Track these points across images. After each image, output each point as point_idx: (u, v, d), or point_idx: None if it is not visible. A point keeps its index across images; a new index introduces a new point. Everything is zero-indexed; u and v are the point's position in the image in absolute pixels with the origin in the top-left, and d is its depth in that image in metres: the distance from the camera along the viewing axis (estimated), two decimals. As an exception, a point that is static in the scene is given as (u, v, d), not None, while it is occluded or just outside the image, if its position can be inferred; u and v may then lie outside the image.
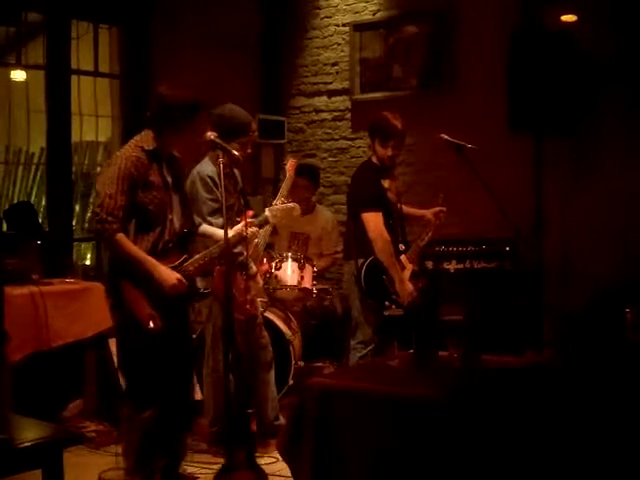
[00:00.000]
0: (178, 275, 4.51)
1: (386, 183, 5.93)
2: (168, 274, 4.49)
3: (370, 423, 3.76)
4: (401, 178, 6.87)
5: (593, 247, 6.60)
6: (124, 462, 4.77)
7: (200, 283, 4.78)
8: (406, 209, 6.20)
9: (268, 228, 5.78)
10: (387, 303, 5.68)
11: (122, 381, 4.77)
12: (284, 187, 5.99)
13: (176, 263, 4.59)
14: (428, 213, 6.19)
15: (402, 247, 5.97)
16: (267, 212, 5.02)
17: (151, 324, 4.44)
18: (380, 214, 5.78)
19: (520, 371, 3.95)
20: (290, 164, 6.16)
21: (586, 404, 3.50)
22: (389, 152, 5.84)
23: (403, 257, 5.93)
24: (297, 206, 5.12)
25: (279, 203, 5.31)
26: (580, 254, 6.66)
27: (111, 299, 4.66)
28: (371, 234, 5.74)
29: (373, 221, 5.76)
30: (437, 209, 6.17)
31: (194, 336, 5.38)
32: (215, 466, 4.91)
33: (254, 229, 4.93)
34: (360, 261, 5.76)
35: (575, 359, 4.11)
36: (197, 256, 4.65)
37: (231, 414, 4.71)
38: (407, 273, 5.91)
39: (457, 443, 3.49)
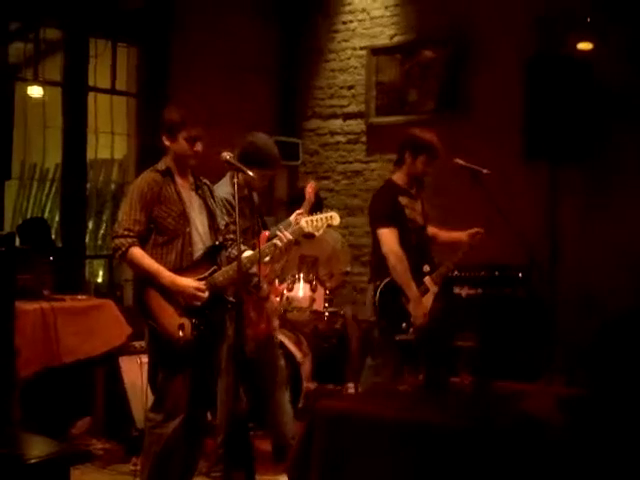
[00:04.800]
0: (196, 283, 4.55)
1: (404, 200, 5.81)
2: (184, 284, 4.53)
3: (378, 449, 3.72)
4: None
5: (608, 274, 6.57)
6: (140, 475, 4.78)
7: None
8: (443, 234, 6.12)
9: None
10: (404, 325, 5.58)
11: (150, 394, 4.76)
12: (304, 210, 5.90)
13: (205, 274, 4.63)
14: (464, 235, 5.97)
15: (427, 268, 5.76)
16: (302, 222, 4.96)
17: (180, 333, 4.46)
18: (394, 230, 5.66)
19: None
20: (310, 187, 6.11)
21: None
22: (420, 167, 5.81)
23: (427, 279, 5.73)
24: (336, 215, 5.06)
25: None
26: (595, 281, 6.62)
27: (139, 311, 4.68)
28: (384, 250, 5.63)
29: (386, 237, 5.64)
30: (474, 230, 5.94)
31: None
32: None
33: (289, 237, 4.89)
34: (378, 283, 5.67)
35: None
36: (226, 268, 4.67)
37: (233, 435, 4.71)
38: (430, 296, 5.73)
39: (469, 473, 3.46)
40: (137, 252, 4.53)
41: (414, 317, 5.61)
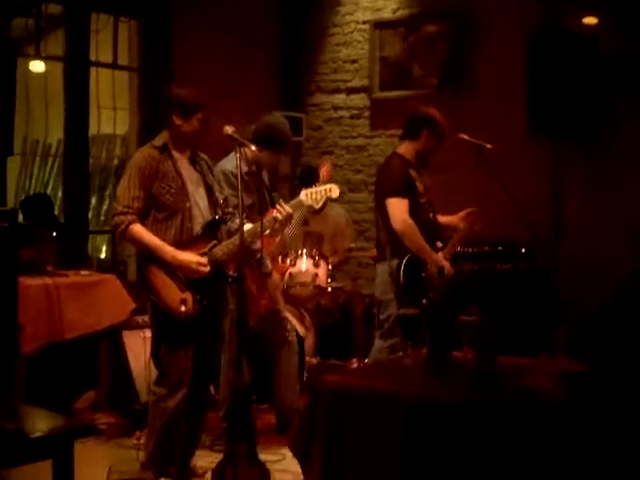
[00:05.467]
0: (197, 258, 4.57)
1: (414, 174, 5.71)
2: (186, 258, 4.56)
3: (381, 423, 3.73)
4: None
5: (611, 250, 6.55)
6: (144, 448, 4.84)
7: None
8: (438, 218, 6.04)
9: (297, 221, 5.75)
10: (425, 301, 5.50)
11: (154, 368, 4.80)
12: None
13: (205, 249, 4.65)
14: (457, 219, 5.94)
15: (439, 244, 5.70)
16: (302, 195, 4.97)
17: (182, 308, 4.49)
18: (405, 201, 5.54)
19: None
20: (325, 169, 6.09)
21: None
22: (432, 145, 5.76)
23: (440, 255, 5.67)
24: (335, 187, 5.05)
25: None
26: (597, 257, 6.62)
27: (141, 286, 4.71)
28: (393, 220, 5.51)
29: (396, 206, 5.52)
30: (467, 211, 5.91)
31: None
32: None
33: (288, 210, 4.89)
34: (395, 261, 5.55)
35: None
36: (226, 242, 4.68)
37: (235, 407, 4.75)
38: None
39: (471, 448, 3.47)
40: (137, 228, 4.55)
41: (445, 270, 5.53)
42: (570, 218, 6.64)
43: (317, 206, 5.02)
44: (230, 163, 5.32)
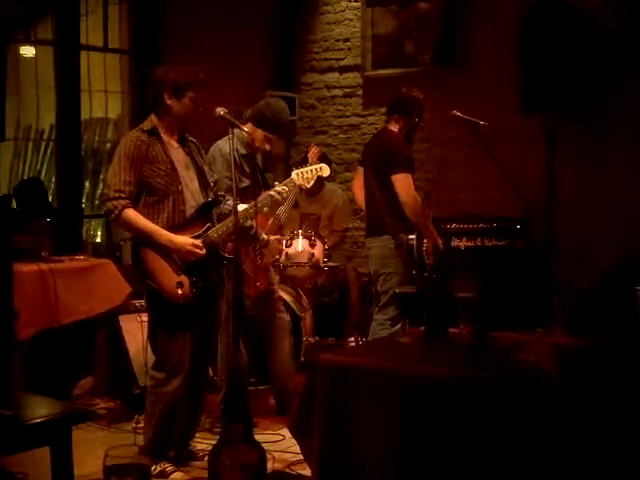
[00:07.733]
0: (193, 240, 4.56)
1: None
2: (181, 241, 4.55)
3: (381, 401, 3.73)
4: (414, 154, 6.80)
5: (605, 226, 6.56)
6: (143, 433, 4.83)
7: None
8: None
9: (289, 202, 5.77)
10: (426, 275, 5.56)
11: (151, 353, 4.80)
12: None
13: (200, 232, 4.64)
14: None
15: None
16: (293, 174, 5.02)
17: (179, 291, 4.48)
18: (411, 176, 5.72)
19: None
20: (313, 152, 6.10)
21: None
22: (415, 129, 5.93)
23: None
24: (325, 166, 5.10)
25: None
26: (591, 233, 6.62)
27: (136, 271, 4.69)
28: (405, 194, 5.65)
29: (405, 182, 5.67)
30: None
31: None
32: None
33: (283, 187, 4.94)
34: (406, 235, 5.70)
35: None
36: (220, 224, 4.67)
37: (232, 388, 4.75)
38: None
39: (467, 423, 3.47)
40: (131, 213, 4.52)
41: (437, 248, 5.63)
42: (564, 193, 6.64)
43: (308, 185, 5.06)
44: (225, 144, 5.31)
